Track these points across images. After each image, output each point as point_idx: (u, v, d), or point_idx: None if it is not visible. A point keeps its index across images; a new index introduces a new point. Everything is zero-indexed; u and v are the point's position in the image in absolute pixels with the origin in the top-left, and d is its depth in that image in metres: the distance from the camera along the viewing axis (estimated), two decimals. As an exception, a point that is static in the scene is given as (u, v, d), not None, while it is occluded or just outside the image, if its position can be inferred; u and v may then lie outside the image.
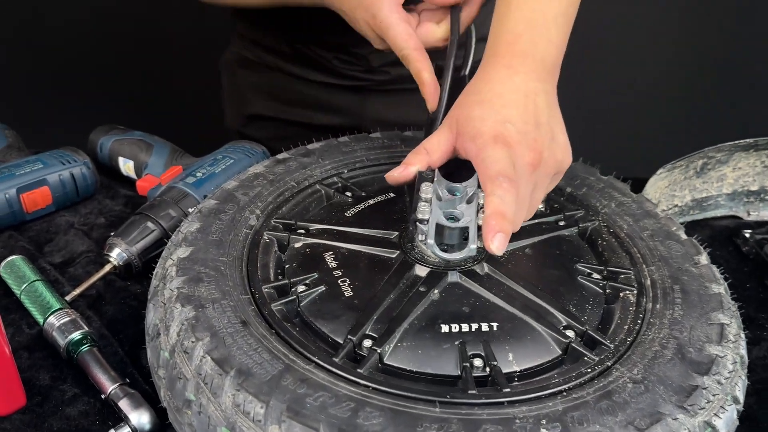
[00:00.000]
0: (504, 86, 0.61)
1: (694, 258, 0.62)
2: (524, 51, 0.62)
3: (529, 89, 0.60)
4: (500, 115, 0.59)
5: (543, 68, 0.62)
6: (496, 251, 0.52)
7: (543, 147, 0.58)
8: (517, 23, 0.63)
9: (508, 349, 0.53)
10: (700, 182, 0.86)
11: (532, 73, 0.61)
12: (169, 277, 0.58)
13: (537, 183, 0.58)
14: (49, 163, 0.81)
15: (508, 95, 0.60)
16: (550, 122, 0.60)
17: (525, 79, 0.61)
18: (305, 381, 0.48)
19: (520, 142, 0.57)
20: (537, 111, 0.60)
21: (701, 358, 0.52)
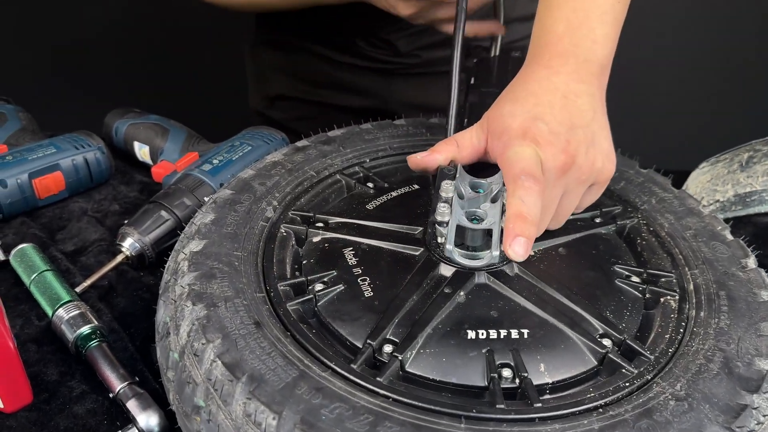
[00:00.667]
0: (540, 86, 0.57)
1: (741, 261, 0.58)
2: (565, 52, 0.58)
3: (570, 90, 0.57)
4: (532, 112, 0.55)
5: (587, 69, 0.58)
6: (515, 257, 0.49)
7: (577, 151, 0.54)
8: (557, 23, 0.59)
9: (540, 359, 0.49)
10: (744, 176, 0.81)
11: (574, 74, 0.57)
12: (181, 272, 0.55)
13: (568, 189, 0.55)
14: (63, 148, 0.78)
15: (544, 95, 0.56)
16: (591, 126, 0.56)
17: (566, 80, 0.57)
18: (321, 390, 0.45)
19: (551, 143, 0.53)
20: (576, 113, 0.56)
21: (750, 373, 0.48)
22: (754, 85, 1.75)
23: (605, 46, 0.59)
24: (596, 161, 0.56)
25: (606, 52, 0.59)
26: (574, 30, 0.58)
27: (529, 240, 0.50)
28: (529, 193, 0.51)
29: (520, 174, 0.51)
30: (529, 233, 0.50)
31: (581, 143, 0.55)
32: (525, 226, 0.50)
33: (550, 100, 0.56)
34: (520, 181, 0.51)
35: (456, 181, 0.57)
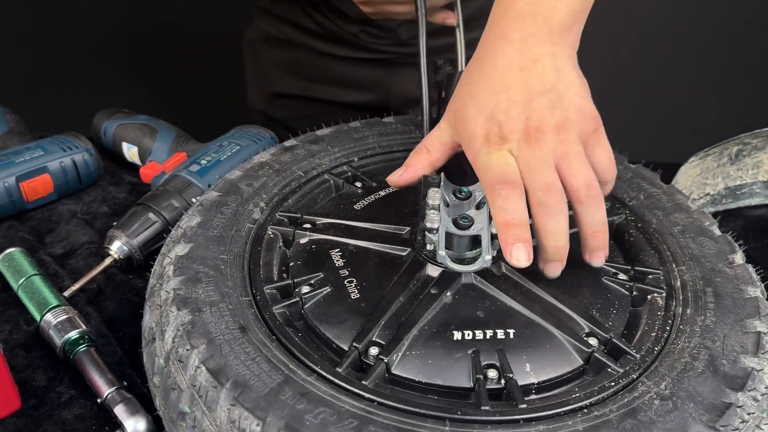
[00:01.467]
0: (495, 64, 0.54)
1: (728, 257, 0.58)
2: (522, 13, 0.54)
3: (527, 58, 0.53)
4: (488, 108, 0.53)
5: (547, 29, 0.54)
6: (520, 263, 0.49)
7: (542, 120, 0.51)
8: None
9: (525, 359, 0.49)
10: (734, 170, 0.81)
11: (532, 37, 0.53)
12: (167, 276, 0.55)
13: (558, 153, 0.51)
14: (50, 150, 0.78)
15: (499, 76, 0.53)
16: (556, 87, 0.52)
17: (521, 48, 0.54)
18: (305, 395, 0.45)
19: (512, 130, 0.51)
20: (535, 80, 0.53)
21: (735, 371, 0.48)
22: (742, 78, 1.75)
23: (569, 4, 0.54)
24: (568, 119, 0.51)
25: (570, 9, 0.54)
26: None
27: (526, 243, 0.49)
28: (509, 200, 0.50)
29: (495, 184, 0.50)
30: (522, 236, 0.49)
31: (545, 109, 0.52)
32: (516, 231, 0.49)
33: (505, 80, 0.53)
34: (496, 191, 0.50)
35: (441, 189, 0.57)
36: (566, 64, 0.54)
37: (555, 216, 0.50)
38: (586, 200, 0.51)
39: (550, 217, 0.50)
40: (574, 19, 0.55)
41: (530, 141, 0.51)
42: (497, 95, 0.53)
